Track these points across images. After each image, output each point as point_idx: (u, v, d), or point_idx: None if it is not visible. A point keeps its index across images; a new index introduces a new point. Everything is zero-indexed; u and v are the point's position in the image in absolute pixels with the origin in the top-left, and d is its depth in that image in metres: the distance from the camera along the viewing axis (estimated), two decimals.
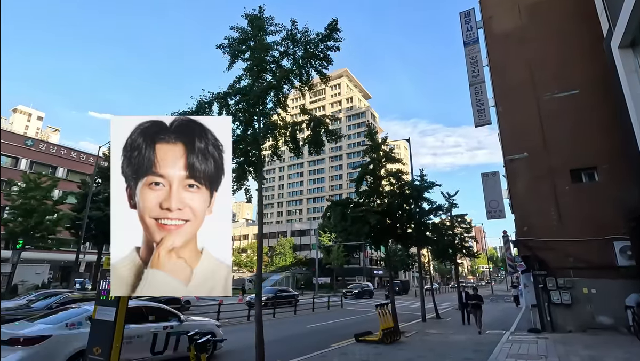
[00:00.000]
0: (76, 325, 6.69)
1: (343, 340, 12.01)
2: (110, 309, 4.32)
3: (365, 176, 15.11)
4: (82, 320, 6.78)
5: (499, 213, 15.00)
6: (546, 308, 12.76)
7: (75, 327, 6.62)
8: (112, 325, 4.21)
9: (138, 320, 7.46)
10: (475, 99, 16.31)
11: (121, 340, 4.29)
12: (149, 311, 8.05)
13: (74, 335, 6.43)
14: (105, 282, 4.58)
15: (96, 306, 4.57)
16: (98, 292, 4.64)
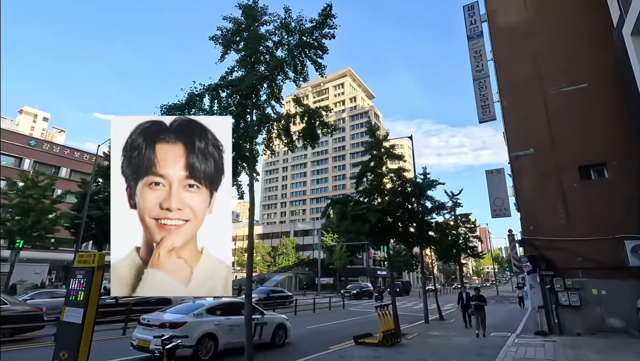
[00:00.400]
0: (199, 315, 9.07)
1: (342, 342, 11.62)
2: (78, 310, 3.98)
3: (366, 173, 14.72)
4: (202, 312, 9.22)
5: (504, 211, 14.52)
6: (553, 309, 12.27)
7: (200, 316, 9.04)
8: (80, 327, 3.86)
9: (236, 313, 9.89)
10: (479, 95, 15.84)
11: (90, 344, 3.94)
12: (240, 306, 10.07)
13: (199, 322, 8.88)
14: (75, 281, 4.24)
15: (64, 307, 4.23)
16: (67, 292, 4.30)
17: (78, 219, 25.53)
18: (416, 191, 13.88)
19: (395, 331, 11.27)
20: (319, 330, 15.02)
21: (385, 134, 15.57)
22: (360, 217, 13.21)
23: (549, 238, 12.75)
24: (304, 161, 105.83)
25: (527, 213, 13.50)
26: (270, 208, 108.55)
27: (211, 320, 9.18)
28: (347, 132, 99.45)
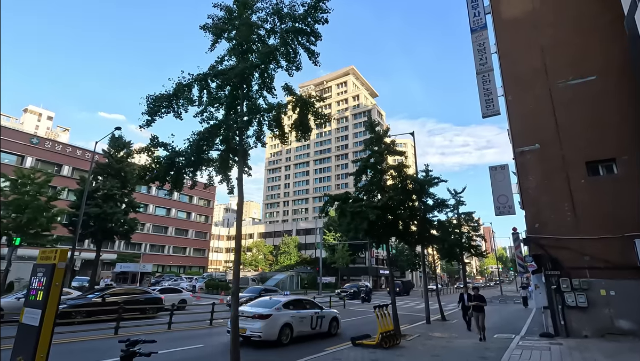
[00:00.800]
0: (279, 308, 11.17)
1: (339, 344, 11.23)
2: (36, 312, 3.62)
3: (366, 170, 14.31)
4: (280, 306, 11.32)
5: (508, 208, 14.04)
6: (560, 310, 11.80)
7: (279, 310, 11.13)
8: (37, 330, 3.50)
9: (303, 308, 12.26)
10: (482, 89, 15.34)
11: (48, 349, 3.58)
12: (307, 302, 12.99)
13: (280, 314, 11.03)
14: (35, 279, 3.87)
15: (24, 308, 3.87)
16: (27, 291, 3.94)
17: (76, 216, 25.30)
18: (417, 187, 13.43)
19: (394, 332, 10.86)
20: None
21: (386, 130, 15.15)
22: (359, 214, 12.81)
23: (555, 236, 12.27)
24: (306, 159, 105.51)
25: (533, 211, 13.02)
26: (272, 207, 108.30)
27: (288, 313, 11.36)
28: (350, 130, 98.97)
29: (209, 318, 15.35)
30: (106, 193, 26.39)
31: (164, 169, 6.89)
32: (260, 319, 10.57)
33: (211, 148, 7.31)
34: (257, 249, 72.71)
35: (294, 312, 11.56)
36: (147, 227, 63.69)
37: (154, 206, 65.36)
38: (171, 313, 13.98)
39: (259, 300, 12.88)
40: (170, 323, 13.80)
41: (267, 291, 22.83)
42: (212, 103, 7.72)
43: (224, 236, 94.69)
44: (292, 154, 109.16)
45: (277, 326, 10.66)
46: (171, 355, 9.40)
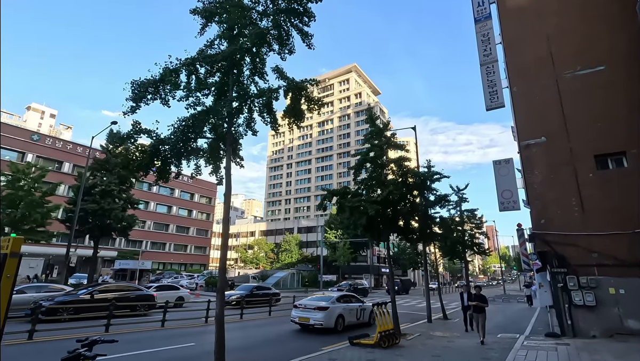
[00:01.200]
0: (334, 302, 13.40)
1: (337, 343, 10.83)
2: None
3: (365, 164, 13.87)
4: (334, 300, 13.58)
5: (513, 204, 13.55)
6: (566, 310, 11.33)
7: (334, 303, 13.35)
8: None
9: (350, 302, 14.34)
10: (486, 80, 14.84)
11: None
12: (352, 297, 15.02)
13: (335, 307, 13.20)
14: None
15: None
16: None
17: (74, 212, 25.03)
18: (418, 181, 12.96)
19: (393, 331, 10.43)
20: (314, 329, 14.21)
21: (387, 122, 14.69)
22: (358, 209, 12.39)
23: (562, 232, 11.78)
24: (308, 157, 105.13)
25: (538, 206, 12.53)
26: (274, 205, 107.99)
27: (340, 306, 13.51)
28: (352, 128, 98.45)
29: (205, 316, 14.97)
30: (104, 189, 26.06)
31: (148, 158, 6.49)
32: (321, 310, 12.83)
33: (199, 136, 6.91)
34: (258, 247, 72.47)
35: (344, 305, 13.77)
36: (148, 224, 63.57)
37: (155, 203, 65.21)
38: (164, 310, 13.63)
39: (315, 296, 15.32)
40: (164, 321, 13.44)
41: (259, 289, 22.46)
42: (200, 89, 7.32)
43: None
44: (294, 152, 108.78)
45: (333, 317, 12.94)
46: (156, 354, 9.02)
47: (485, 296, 11.18)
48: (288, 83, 6.86)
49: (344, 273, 60.88)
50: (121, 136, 6.35)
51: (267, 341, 11.37)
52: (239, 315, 16.65)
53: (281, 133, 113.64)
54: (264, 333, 12.90)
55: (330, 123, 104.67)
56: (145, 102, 7.21)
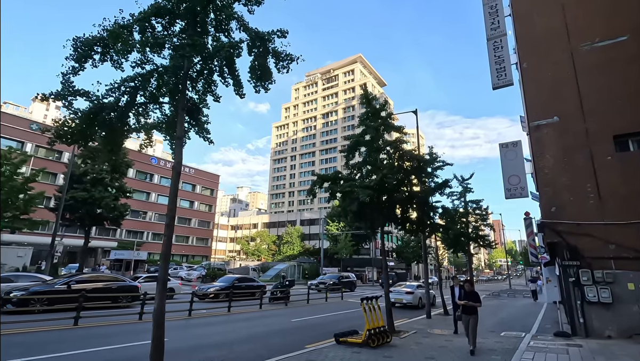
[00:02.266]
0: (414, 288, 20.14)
1: (323, 340, 9.87)
2: None
3: (358, 146, 12.76)
4: (415, 287, 20.33)
5: (521, 191, 12.36)
6: (578, 307, 10.20)
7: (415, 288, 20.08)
8: None
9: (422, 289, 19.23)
10: (493, 56, 13.55)
11: None
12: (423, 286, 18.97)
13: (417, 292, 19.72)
14: None
15: None
16: None
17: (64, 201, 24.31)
18: (415, 164, 11.80)
19: (384, 329, 9.40)
20: (304, 324, 13.30)
21: (384, 103, 13.52)
22: (349, 194, 11.33)
23: (575, 221, 10.60)
24: (312, 150, 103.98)
25: (549, 193, 11.34)
26: (278, 197, 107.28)
27: (419, 291, 19.60)
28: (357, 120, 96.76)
29: (188, 309, 14.11)
30: (95, 177, 25.31)
31: (83, 123, 5.47)
32: (409, 294, 19.49)
33: (149, 101, 5.86)
34: (260, 239, 71.88)
35: (420, 291, 19.54)
36: (149, 215, 63.30)
37: (156, 194, 64.85)
38: (142, 302, 12.78)
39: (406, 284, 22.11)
40: (142, 313, 12.60)
41: (242, 281, 21.52)
42: (154, 48, 6.25)
43: (227, 226, 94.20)
44: (298, 143, 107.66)
45: (417, 298, 19.35)
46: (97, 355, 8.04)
47: (478, 293, 8.58)
48: (251, 36, 5.76)
49: (346, 265, 60.03)
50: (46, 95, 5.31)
51: (249, 337, 10.45)
52: (226, 308, 15.77)
53: (285, 125, 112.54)
54: (248, 328, 11.98)
55: (334, 115, 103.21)
56: (94, 64, 6.18)
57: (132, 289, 16.05)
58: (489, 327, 13.08)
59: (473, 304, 8.35)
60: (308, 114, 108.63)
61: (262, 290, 22.37)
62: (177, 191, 5.55)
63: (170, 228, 5.28)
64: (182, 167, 5.88)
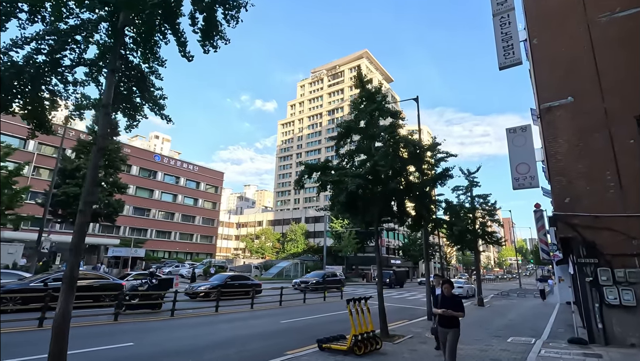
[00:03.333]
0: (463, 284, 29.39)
1: (307, 345, 8.86)
2: None
3: (350, 133, 11.66)
4: (463, 284, 29.05)
5: (530, 180, 11.12)
6: (597, 310, 8.98)
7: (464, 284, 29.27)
8: None
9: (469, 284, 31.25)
10: (500, 33, 12.31)
11: None
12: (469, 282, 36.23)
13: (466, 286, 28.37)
14: None
15: None
16: None
17: (56, 196, 23.74)
18: (411, 150, 10.63)
19: (373, 334, 8.33)
20: (293, 326, 12.30)
21: (379, 85, 12.39)
22: (338, 184, 10.27)
23: (593, 213, 9.36)
24: (318, 147, 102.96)
25: (562, 182, 10.10)
26: (284, 195, 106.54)
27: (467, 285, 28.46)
28: None
29: (171, 309, 13.22)
30: None
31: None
32: (460, 288, 25.61)
33: (74, 62, 4.87)
34: (265, 236, 71.15)
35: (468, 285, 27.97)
36: (152, 213, 63.01)
37: (159, 191, 64.52)
38: (119, 301, 11.90)
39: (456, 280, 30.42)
40: (117, 314, 11.74)
41: (235, 279, 20.58)
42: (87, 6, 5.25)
43: (233, 224, 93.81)
44: (304, 141, 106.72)
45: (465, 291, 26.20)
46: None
47: (461, 299, 6.27)
48: None
49: (351, 264, 58.95)
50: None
51: (226, 341, 9.49)
52: (213, 308, 14.85)
53: (291, 122, 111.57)
54: (230, 331, 11.04)
55: (340, 111, 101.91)
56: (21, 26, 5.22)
57: (117, 288, 15.23)
58: (495, 331, 11.91)
59: (453, 314, 5.89)
60: (314, 110, 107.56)
61: (258, 288, 21.47)
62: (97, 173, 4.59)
63: (83, 215, 4.29)
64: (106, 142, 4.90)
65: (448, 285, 6.17)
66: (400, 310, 18.61)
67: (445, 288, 6.12)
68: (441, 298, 6.11)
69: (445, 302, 6.01)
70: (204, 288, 18.58)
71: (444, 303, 6.01)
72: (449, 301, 6.02)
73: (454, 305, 5.95)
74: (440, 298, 6.13)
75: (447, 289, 6.11)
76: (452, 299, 6.04)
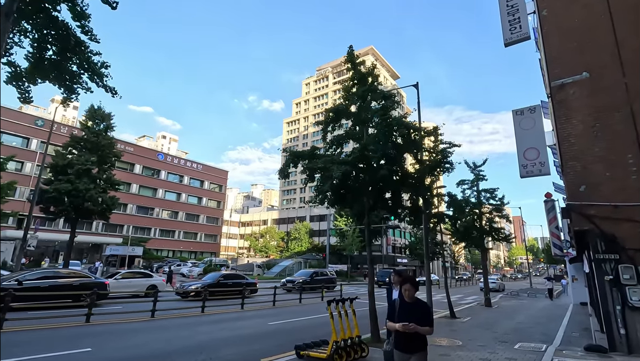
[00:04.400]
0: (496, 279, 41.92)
1: (287, 351, 7.87)
2: None
3: (339, 117, 10.64)
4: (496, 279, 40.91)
5: (540, 167, 9.94)
6: (618, 313, 7.81)
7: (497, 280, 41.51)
8: None
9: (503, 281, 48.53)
10: (505, 6, 11.15)
11: None
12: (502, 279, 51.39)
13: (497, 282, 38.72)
14: None
15: None
16: None
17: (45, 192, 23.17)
18: (404, 133, 9.54)
19: (358, 340, 7.31)
20: (279, 329, 11.34)
21: (373, 66, 11.32)
22: (324, 172, 9.27)
23: (613, 203, 8.19)
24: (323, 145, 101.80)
25: (577, 168, 8.94)
26: (289, 194, 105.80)
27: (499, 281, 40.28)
28: None
29: (151, 309, 12.36)
30: (80, 168, 24.01)
31: None
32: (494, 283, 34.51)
33: None
34: (269, 235, 70.45)
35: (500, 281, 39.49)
36: (156, 211, 62.73)
37: (163, 190, 64.24)
38: (90, 303, 11.05)
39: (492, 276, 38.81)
40: (90, 315, 10.91)
41: (228, 278, 19.69)
42: None
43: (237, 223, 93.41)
44: (309, 139, 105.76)
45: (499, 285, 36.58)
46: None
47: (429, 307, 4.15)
48: None
49: (356, 263, 57.80)
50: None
51: (199, 345, 8.56)
52: (200, 308, 13.97)
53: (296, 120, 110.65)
54: (210, 333, 10.12)
55: None
56: None
57: (99, 287, 14.45)
58: (502, 335, 10.76)
59: (417, 329, 3.71)
60: (319, 108, 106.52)
61: (253, 288, 20.60)
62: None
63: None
64: None
65: (410, 286, 3.93)
66: None
67: (406, 291, 3.93)
68: (400, 306, 3.95)
69: (405, 312, 3.84)
70: (195, 287, 17.75)
71: (404, 312, 3.84)
72: (411, 309, 3.85)
73: (418, 316, 3.76)
74: (399, 305, 3.96)
75: (408, 292, 3.92)
76: (416, 308, 3.88)
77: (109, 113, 26.90)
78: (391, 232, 63.91)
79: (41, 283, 12.78)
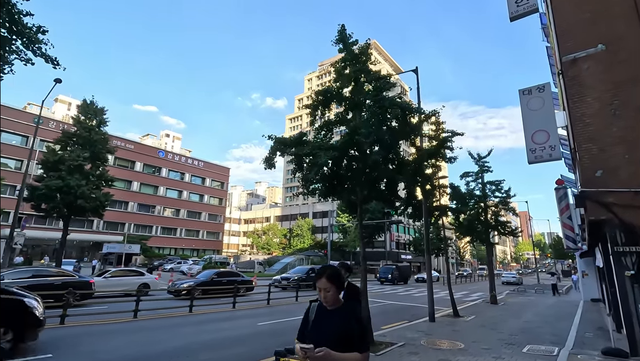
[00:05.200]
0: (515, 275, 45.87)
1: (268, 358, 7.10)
2: None
3: (329, 100, 9.78)
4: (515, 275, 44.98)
5: (550, 151, 8.99)
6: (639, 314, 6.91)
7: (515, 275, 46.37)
8: None
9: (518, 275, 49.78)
10: None
11: None
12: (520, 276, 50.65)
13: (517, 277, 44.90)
14: None
15: None
16: None
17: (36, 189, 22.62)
18: (398, 112, 8.61)
19: None
20: (268, 330, 10.58)
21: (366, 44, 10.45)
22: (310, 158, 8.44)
23: (633, 188, 7.26)
24: None
25: (592, 150, 8.00)
26: (292, 190, 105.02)
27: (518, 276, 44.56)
28: None
29: (134, 310, 11.65)
30: (72, 165, 23.42)
31: None
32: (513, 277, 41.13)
33: None
34: (272, 232, 69.86)
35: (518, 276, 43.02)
36: (157, 209, 62.39)
37: (164, 188, 63.85)
38: (66, 303, 10.36)
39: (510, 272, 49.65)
40: (64, 316, 10.23)
41: (222, 275, 18.95)
42: None
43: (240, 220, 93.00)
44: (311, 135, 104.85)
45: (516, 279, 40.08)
46: None
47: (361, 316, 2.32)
48: None
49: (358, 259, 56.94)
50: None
51: (175, 350, 7.81)
52: (187, 308, 13.25)
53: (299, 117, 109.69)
54: (192, 336, 9.38)
55: None
56: None
57: (83, 286, 13.82)
58: (508, 336, 9.89)
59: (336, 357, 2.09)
60: None
61: (248, 285, 19.90)
62: None
63: None
64: None
65: (327, 284, 2.29)
66: (402, 308, 16.74)
67: (322, 292, 2.32)
68: (315, 315, 2.40)
69: (321, 324, 2.34)
70: (187, 286, 17.05)
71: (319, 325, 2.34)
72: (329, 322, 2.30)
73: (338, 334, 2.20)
74: (315, 313, 2.41)
75: (324, 293, 2.31)
76: (337, 319, 2.27)
77: (102, 108, 26.28)
78: (395, 228, 62.97)
79: (18, 282, 12.12)
